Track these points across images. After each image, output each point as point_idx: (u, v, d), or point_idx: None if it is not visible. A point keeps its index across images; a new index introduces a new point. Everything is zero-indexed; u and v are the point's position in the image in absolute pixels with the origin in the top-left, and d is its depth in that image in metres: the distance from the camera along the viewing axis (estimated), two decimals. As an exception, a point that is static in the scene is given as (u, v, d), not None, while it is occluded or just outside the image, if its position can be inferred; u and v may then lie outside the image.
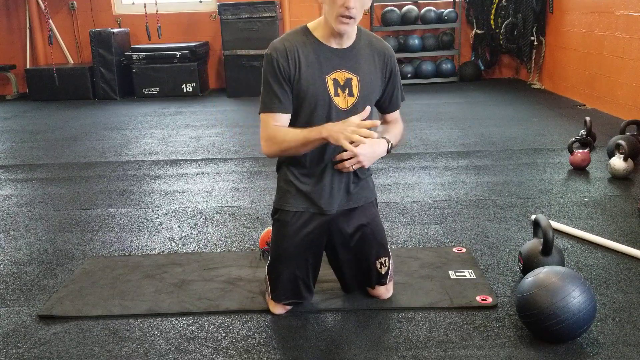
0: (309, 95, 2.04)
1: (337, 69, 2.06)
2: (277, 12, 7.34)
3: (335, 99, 2.06)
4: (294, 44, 2.04)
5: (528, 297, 1.99)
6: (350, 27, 1.99)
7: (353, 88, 2.08)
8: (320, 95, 2.05)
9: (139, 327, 2.21)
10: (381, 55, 2.15)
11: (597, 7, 5.82)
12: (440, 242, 2.89)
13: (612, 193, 3.51)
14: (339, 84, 2.06)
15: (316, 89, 2.04)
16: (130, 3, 8.06)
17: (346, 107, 2.07)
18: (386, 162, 4.23)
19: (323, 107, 2.05)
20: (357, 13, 1.96)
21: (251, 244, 2.92)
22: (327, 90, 2.05)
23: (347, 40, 2.08)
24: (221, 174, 4.14)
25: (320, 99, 2.05)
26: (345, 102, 2.07)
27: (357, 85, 2.08)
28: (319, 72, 2.04)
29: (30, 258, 2.87)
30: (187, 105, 7.01)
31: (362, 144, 1.95)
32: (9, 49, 8.18)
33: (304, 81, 2.03)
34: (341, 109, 2.07)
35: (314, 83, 2.04)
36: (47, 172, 4.37)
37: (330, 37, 2.06)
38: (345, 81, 2.07)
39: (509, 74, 8.14)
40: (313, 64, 2.04)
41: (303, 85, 2.03)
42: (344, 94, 2.07)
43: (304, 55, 2.03)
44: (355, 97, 2.08)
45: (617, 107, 5.45)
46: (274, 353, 2.03)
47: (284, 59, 2.02)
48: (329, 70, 2.05)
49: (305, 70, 2.03)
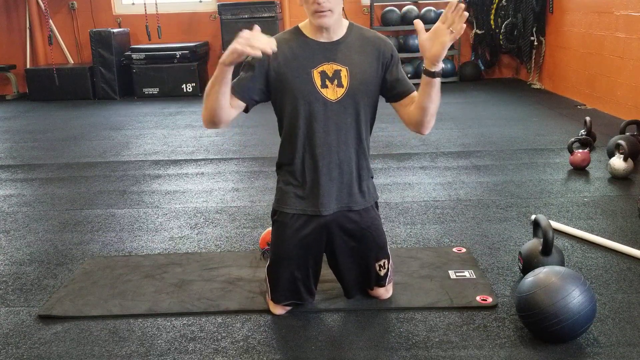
0: (294, 88, 2.08)
1: (325, 62, 2.09)
2: (277, 12, 7.34)
3: (322, 90, 2.09)
4: (281, 41, 2.07)
5: (528, 297, 1.99)
6: (329, 19, 2.02)
7: (342, 79, 2.10)
8: (306, 88, 2.08)
9: (139, 327, 2.21)
10: (374, 45, 2.15)
11: (597, 7, 5.82)
12: (440, 242, 2.89)
13: (612, 193, 3.51)
14: (327, 76, 2.09)
15: (301, 82, 2.07)
16: (130, 3, 8.06)
17: (335, 98, 2.10)
18: (386, 162, 4.23)
19: (308, 99, 2.08)
20: (332, 5, 1.99)
21: (251, 244, 2.92)
22: (312, 82, 2.08)
23: (335, 34, 2.10)
24: (221, 174, 4.14)
25: (305, 92, 2.08)
26: (335, 93, 2.09)
27: (346, 76, 2.10)
28: (304, 66, 2.08)
29: (30, 258, 2.87)
30: (187, 105, 7.01)
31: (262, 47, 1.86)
32: (9, 49, 8.18)
33: (287, 75, 2.07)
34: (331, 100, 2.09)
35: (299, 76, 2.07)
36: (47, 172, 4.37)
37: (317, 33, 2.10)
38: (333, 73, 2.09)
39: (509, 74, 8.14)
40: (298, 58, 2.08)
41: (287, 78, 2.08)
42: (333, 85, 2.09)
43: (289, 50, 2.08)
44: (345, 88, 2.10)
45: (617, 107, 5.45)
46: (274, 353, 2.03)
47: None
48: (316, 64, 2.09)
49: (290, 65, 2.07)
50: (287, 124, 2.14)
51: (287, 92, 2.09)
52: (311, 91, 2.08)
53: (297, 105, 2.09)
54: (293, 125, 2.12)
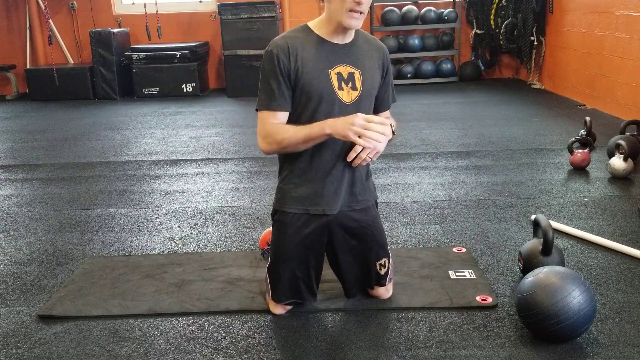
0: (313, 89, 2.04)
1: (340, 63, 2.07)
2: (277, 12, 7.34)
3: (339, 92, 2.06)
4: (295, 40, 2.04)
5: (528, 297, 1.99)
6: (359, 22, 2.01)
7: (356, 82, 2.09)
8: (325, 90, 2.04)
9: (139, 327, 2.21)
10: (379, 51, 2.18)
11: (597, 7, 5.82)
12: (440, 242, 2.89)
13: (612, 193, 3.51)
14: (343, 78, 2.07)
15: (320, 83, 2.04)
16: (130, 3, 8.06)
17: (350, 100, 2.08)
18: (386, 162, 4.23)
19: (327, 101, 2.05)
20: (366, 8, 1.99)
21: (251, 244, 2.92)
22: (331, 84, 2.05)
23: (349, 36, 2.10)
24: (221, 174, 4.14)
25: (324, 93, 2.05)
26: (349, 95, 2.08)
27: (359, 79, 2.09)
28: (322, 67, 2.04)
29: (30, 258, 2.87)
30: (187, 105, 7.01)
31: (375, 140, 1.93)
32: (9, 49, 8.18)
33: (307, 76, 2.02)
34: (345, 103, 2.07)
35: (318, 77, 2.04)
36: (47, 172, 4.37)
37: (332, 34, 2.07)
38: (348, 75, 2.07)
39: (509, 74, 8.14)
40: (316, 58, 2.04)
41: (306, 80, 2.03)
42: (348, 88, 2.07)
43: (306, 50, 2.04)
44: (358, 91, 2.08)
45: (617, 107, 5.45)
46: (274, 353, 2.03)
47: (284, 55, 2.01)
48: (333, 65, 2.06)
49: (309, 65, 2.03)
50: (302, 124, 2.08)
51: (306, 93, 2.04)
52: (329, 92, 2.05)
53: (318, 106, 2.05)
54: None
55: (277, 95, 2.03)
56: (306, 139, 2.00)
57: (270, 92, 2.04)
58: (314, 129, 1.98)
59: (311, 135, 1.99)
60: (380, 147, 1.97)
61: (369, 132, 1.92)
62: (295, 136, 2.00)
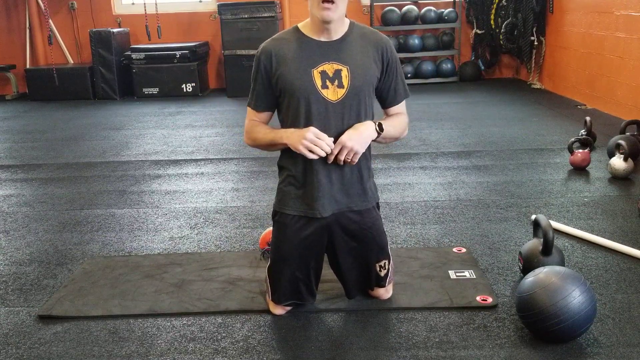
0: (295, 89, 2.06)
1: (326, 61, 2.07)
2: (277, 12, 7.34)
3: (323, 91, 2.06)
4: (281, 42, 2.09)
5: (528, 297, 1.99)
6: (333, 13, 1.99)
7: (343, 79, 2.07)
8: (307, 89, 2.05)
9: (139, 327, 2.21)
10: (376, 45, 2.13)
11: (597, 7, 5.82)
12: (440, 242, 2.89)
13: (612, 193, 3.50)
14: (328, 76, 2.06)
15: (302, 83, 2.05)
16: (130, 3, 8.06)
17: (336, 99, 2.07)
18: (386, 162, 4.23)
19: (311, 100, 2.06)
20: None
21: (251, 244, 2.92)
22: (313, 83, 2.05)
23: (336, 32, 2.08)
24: (221, 174, 4.14)
25: (307, 93, 2.05)
26: (335, 94, 2.07)
27: (347, 76, 2.07)
28: (305, 66, 2.06)
29: (30, 258, 2.87)
30: (187, 105, 7.01)
31: (318, 155, 2.01)
32: (9, 49, 8.18)
33: (289, 76, 2.07)
34: (331, 101, 2.07)
35: (300, 77, 2.06)
36: (47, 172, 4.37)
37: (318, 32, 2.08)
38: (334, 73, 2.07)
39: (509, 74, 8.14)
40: (299, 58, 2.07)
41: (288, 80, 2.07)
42: (334, 86, 2.06)
43: (289, 50, 2.08)
44: (345, 89, 2.07)
45: (617, 107, 5.45)
46: (274, 353, 2.03)
47: (267, 59, 2.10)
48: (317, 63, 2.06)
49: (291, 66, 2.07)
50: (288, 125, 2.13)
51: (288, 93, 2.08)
52: (312, 92, 2.05)
53: (298, 106, 2.07)
54: (294, 126, 2.10)
55: (260, 96, 2.16)
56: (271, 144, 2.13)
57: (254, 93, 2.18)
58: (276, 136, 2.10)
59: (274, 141, 2.11)
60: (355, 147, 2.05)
61: (316, 148, 2.00)
62: (264, 138, 2.14)
